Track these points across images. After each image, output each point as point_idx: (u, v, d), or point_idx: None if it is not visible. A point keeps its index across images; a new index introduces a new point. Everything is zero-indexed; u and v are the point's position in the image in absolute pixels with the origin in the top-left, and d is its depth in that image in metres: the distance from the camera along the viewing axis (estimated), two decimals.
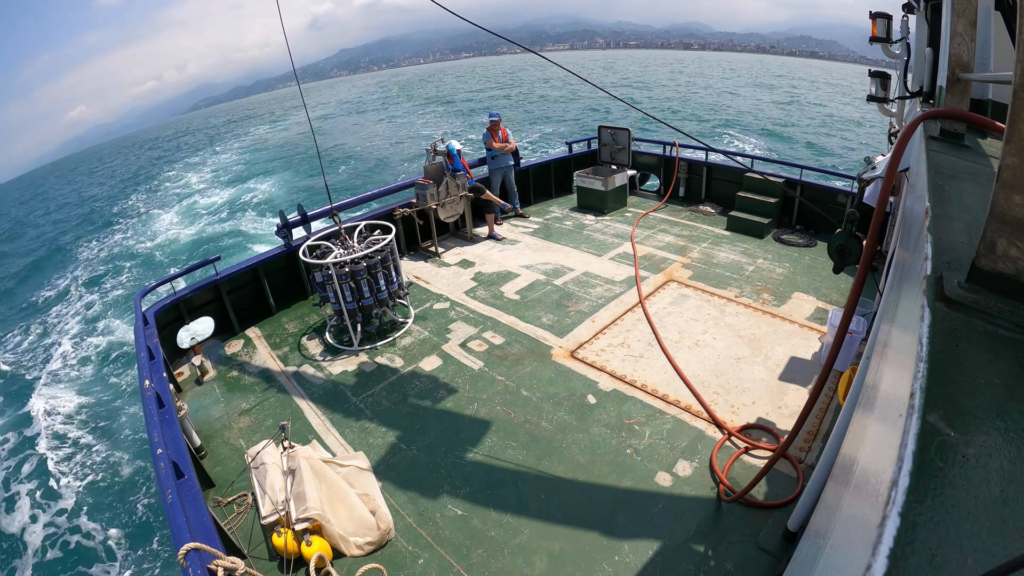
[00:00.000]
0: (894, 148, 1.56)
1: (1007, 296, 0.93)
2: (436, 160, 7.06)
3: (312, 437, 4.05)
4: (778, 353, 4.61)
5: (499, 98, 50.43)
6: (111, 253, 18.24)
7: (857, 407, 1.74)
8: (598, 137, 8.71)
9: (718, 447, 3.64)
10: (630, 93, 45.51)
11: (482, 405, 4.25)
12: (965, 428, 0.69)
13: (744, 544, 2.97)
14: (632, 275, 6.18)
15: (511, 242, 7.47)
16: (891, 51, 4.66)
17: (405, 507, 3.40)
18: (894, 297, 1.43)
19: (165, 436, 3.12)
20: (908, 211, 1.91)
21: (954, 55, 1.88)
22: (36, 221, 29.79)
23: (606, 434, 3.85)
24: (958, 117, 1.81)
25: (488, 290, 6.12)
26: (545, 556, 3.00)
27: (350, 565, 3.02)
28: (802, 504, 2.77)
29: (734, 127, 29.07)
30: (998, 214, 0.92)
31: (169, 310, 5.23)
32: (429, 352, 5.02)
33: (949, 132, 1.90)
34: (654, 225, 7.75)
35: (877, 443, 0.93)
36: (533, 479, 3.52)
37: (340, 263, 4.92)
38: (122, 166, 47.54)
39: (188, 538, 2.33)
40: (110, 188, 34.85)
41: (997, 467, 0.65)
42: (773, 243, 6.92)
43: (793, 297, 5.53)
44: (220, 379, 4.92)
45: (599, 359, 4.71)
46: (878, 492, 0.68)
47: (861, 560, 0.60)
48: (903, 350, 0.97)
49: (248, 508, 3.46)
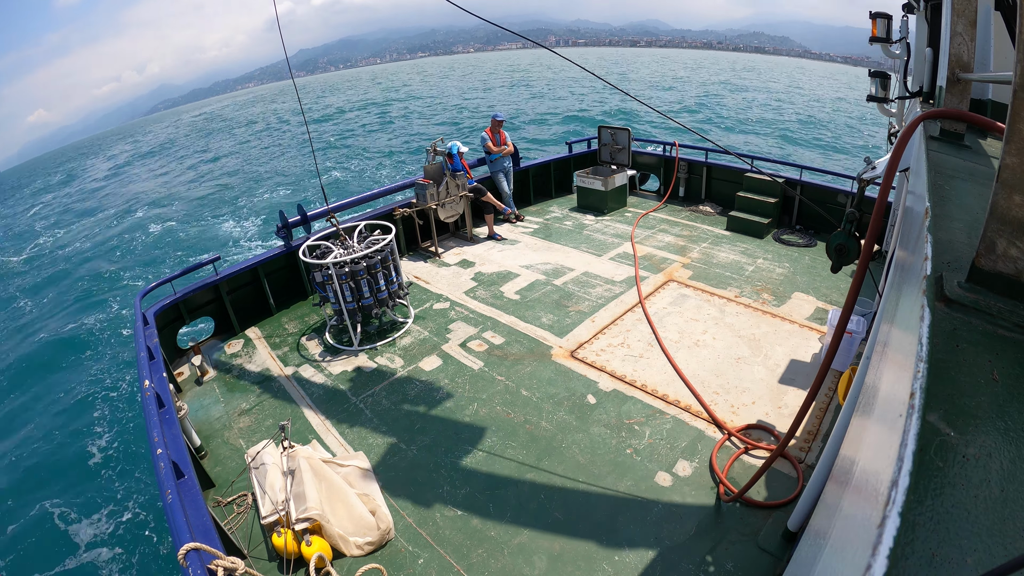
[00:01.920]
0: (894, 148, 1.56)
1: (1007, 296, 0.93)
2: (436, 160, 7.06)
3: (312, 437, 4.05)
4: (778, 353, 4.61)
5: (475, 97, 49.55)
6: (111, 253, 18.23)
7: (857, 407, 1.74)
8: (598, 137, 8.71)
9: (718, 447, 3.65)
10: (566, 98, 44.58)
11: (482, 405, 4.25)
12: (965, 428, 0.69)
13: (744, 544, 2.97)
14: (632, 275, 6.18)
15: (511, 242, 7.47)
16: (891, 51, 4.67)
17: (405, 507, 3.39)
18: (894, 297, 1.43)
19: (165, 436, 3.12)
20: (908, 211, 1.91)
21: (954, 55, 1.88)
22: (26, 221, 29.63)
23: (606, 434, 3.85)
24: (958, 117, 1.81)
25: (488, 290, 6.12)
26: (545, 556, 3.00)
27: (350, 565, 3.02)
28: (802, 504, 2.77)
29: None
30: (998, 214, 0.92)
31: (169, 310, 5.23)
32: (429, 352, 5.02)
33: (949, 132, 1.90)
34: (654, 225, 7.75)
35: (877, 443, 0.93)
36: (533, 479, 3.52)
37: (340, 263, 4.92)
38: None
39: (188, 538, 2.33)
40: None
41: (997, 467, 0.65)
42: (773, 243, 6.92)
43: (793, 297, 5.53)
44: (220, 379, 4.92)
45: (599, 359, 4.71)
46: (878, 492, 0.68)
47: (861, 560, 0.60)
48: (903, 350, 0.97)
49: (248, 508, 3.46)
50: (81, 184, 35.01)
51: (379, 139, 31.14)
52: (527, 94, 48.54)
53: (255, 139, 39.63)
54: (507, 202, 8.20)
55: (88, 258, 17.69)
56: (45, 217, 26.16)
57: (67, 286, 15.42)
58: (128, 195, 26.76)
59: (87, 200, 27.98)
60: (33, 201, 32.52)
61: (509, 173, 8.15)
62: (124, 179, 33.32)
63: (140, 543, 5.82)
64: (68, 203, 27.90)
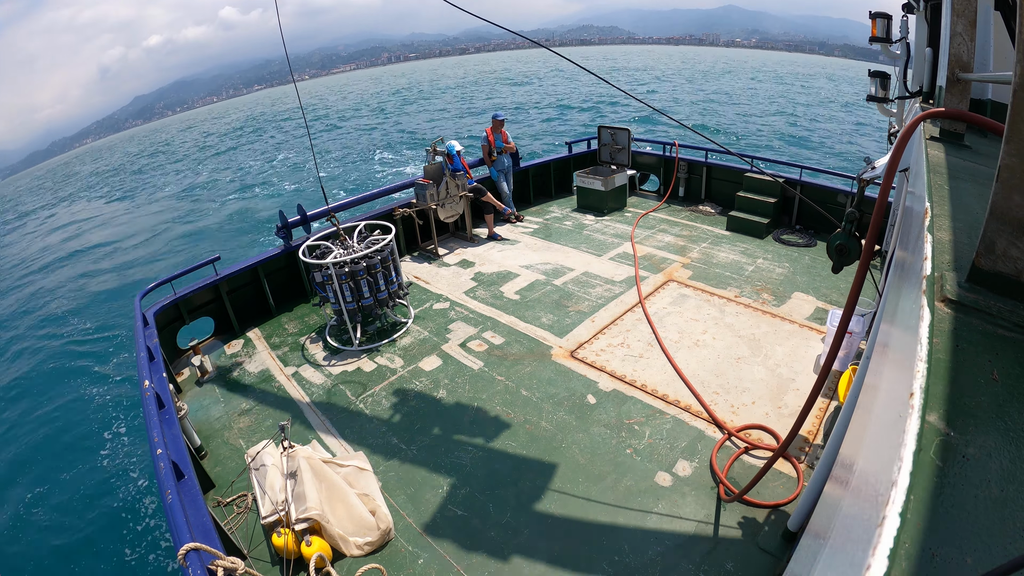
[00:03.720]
0: (894, 148, 1.56)
1: (1007, 296, 0.93)
2: (436, 160, 7.06)
3: (312, 437, 4.05)
4: (778, 353, 4.61)
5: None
6: (111, 252, 18.23)
7: (857, 407, 1.74)
8: (598, 137, 8.71)
9: (718, 447, 3.64)
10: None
11: (482, 405, 4.24)
12: (965, 428, 0.69)
13: (744, 544, 2.97)
14: (632, 275, 6.18)
15: (511, 242, 7.47)
16: (891, 51, 4.66)
17: (405, 507, 3.39)
18: (894, 297, 1.43)
19: (165, 436, 3.12)
20: (908, 211, 1.91)
21: (954, 55, 1.88)
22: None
23: (606, 434, 3.85)
24: (958, 117, 1.81)
25: (488, 290, 6.12)
26: (545, 556, 3.00)
27: (350, 565, 3.02)
28: (802, 504, 2.78)
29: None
30: (998, 214, 0.92)
31: (169, 310, 5.23)
32: (429, 352, 5.02)
33: (949, 132, 1.90)
34: (654, 225, 7.75)
35: (877, 443, 0.93)
36: (533, 479, 3.52)
37: (340, 263, 4.92)
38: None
39: (188, 538, 2.33)
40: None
41: (997, 467, 0.65)
42: (773, 243, 6.92)
43: (793, 297, 5.53)
44: (220, 379, 4.92)
45: (599, 359, 4.71)
46: (878, 492, 0.68)
47: (861, 560, 0.59)
48: (903, 350, 0.97)
49: (248, 508, 3.46)
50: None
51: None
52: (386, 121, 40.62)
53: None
54: (506, 202, 8.19)
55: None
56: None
57: (67, 285, 15.42)
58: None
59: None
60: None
61: (509, 173, 8.14)
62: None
63: (140, 543, 5.82)
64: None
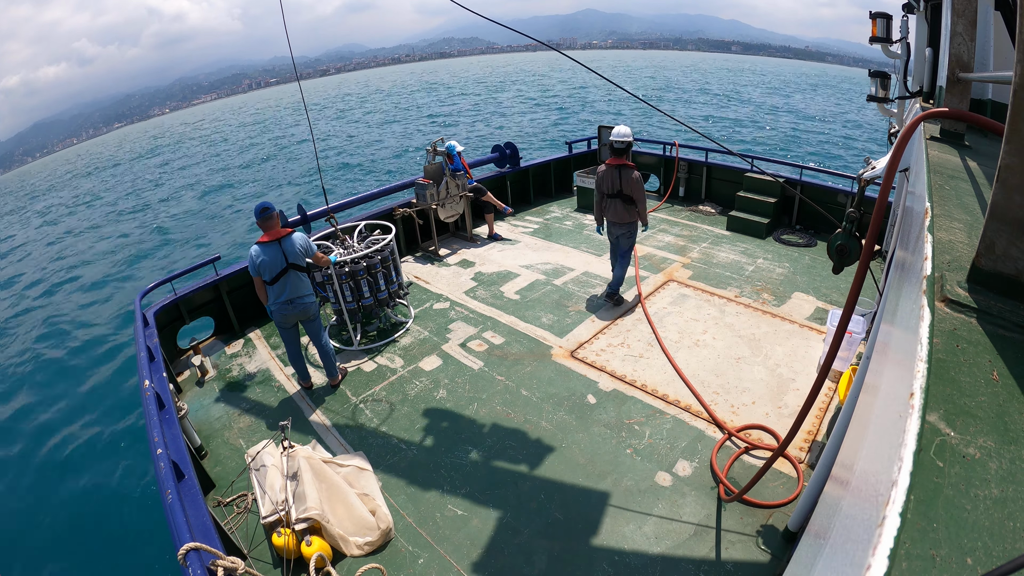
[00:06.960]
0: (894, 148, 1.56)
1: (1007, 296, 0.93)
2: (436, 160, 7.06)
3: (312, 437, 4.05)
4: (778, 353, 4.61)
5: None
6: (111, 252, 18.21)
7: (857, 407, 1.74)
8: (598, 137, 8.71)
9: (718, 447, 3.65)
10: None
11: (482, 405, 4.25)
12: (965, 428, 0.69)
13: (744, 544, 2.97)
14: (632, 275, 6.18)
15: (511, 242, 7.47)
16: (891, 51, 4.66)
17: (405, 507, 3.39)
18: (894, 297, 1.43)
19: (165, 436, 3.13)
20: (908, 211, 1.91)
21: (954, 55, 1.88)
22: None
23: (606, 434, 3.85)
24: (958, 117, 1.81)
25: (488, 290, 6.12)
26: (545, 556, 3.00)
27: (350, 565, 3.02)
28: (802, 504, 2.78)
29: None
30: (998, 214, 0.92)
31: (169, 310, 5.23)
32: (429, 352, 5.02)
33: (949, 132, 1.90)
34: (654, 225, 7.74)
35: (877, 443, 0.93)
36: (533, 479, 3.52)
37: (340, 263, 4.92)
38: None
39: (188, 538, 2.33)
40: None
41: (997, 467, 0.64)
42: (773, 243, 6.92)
43: (793, 297, 5.52)
44: (220, 379, 4.92)
45: (599, 359, 4.71)
46: (878, 492, 0.68)
47: (861, 560, 0.59)
48: (903, 350, 0.97)
49: (248, 508, 3.46)
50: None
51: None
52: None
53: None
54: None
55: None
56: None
57: (66, 286, 15.41)
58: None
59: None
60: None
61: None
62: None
63: (140, 543, 5.82)
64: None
